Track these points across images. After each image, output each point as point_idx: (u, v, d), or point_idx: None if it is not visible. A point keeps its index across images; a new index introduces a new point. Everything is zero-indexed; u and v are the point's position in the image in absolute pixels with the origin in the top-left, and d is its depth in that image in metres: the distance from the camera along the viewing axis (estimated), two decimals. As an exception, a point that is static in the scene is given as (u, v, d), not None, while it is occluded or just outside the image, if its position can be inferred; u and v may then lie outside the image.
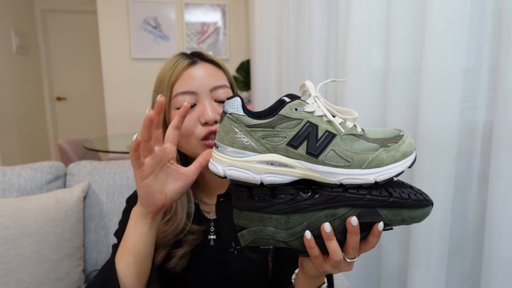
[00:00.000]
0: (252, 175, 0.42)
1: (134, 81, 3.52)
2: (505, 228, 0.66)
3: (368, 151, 0.42)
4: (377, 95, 1.05)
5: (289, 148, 0.42)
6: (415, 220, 0.43)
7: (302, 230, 0.43)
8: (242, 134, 0.43)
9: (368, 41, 1.04)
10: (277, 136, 0.42)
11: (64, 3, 4.10)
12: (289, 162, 0.42)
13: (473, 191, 0.82)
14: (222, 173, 0.43)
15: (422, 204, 0.43)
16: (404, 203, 0.42)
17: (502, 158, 0.65)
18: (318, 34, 1.36)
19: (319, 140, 0.42)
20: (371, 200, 0.41)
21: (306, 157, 0.42)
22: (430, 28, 0.78)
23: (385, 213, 0.42)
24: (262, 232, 0.44)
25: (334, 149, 0.42)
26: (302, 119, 0.42)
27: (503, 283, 0.67)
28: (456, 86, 0.77)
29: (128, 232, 0.54)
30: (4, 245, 0.90)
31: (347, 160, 0.41)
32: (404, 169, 0.43)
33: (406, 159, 0.43)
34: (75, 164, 1.17)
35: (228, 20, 3.60)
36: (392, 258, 1.02)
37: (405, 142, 0.44)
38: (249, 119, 0.43)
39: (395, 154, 0.43)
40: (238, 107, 0.43)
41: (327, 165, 0.42)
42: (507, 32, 0.63)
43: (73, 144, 2.19)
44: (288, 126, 0.42)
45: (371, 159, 0.42)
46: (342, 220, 0.42)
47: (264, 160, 0.42)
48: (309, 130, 0.42)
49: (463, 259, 0.85)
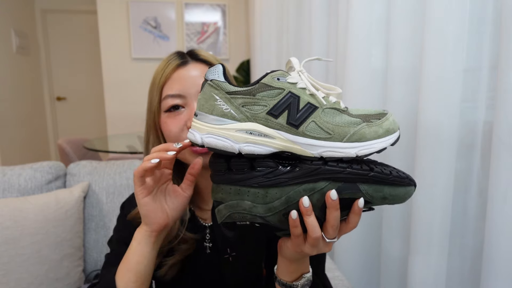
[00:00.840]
0: (230, 143, 0.41)
1: (134, 81, 3.52)
2: (505, 228, 0.66)
3: (350, 124, 0.41)
4: (377, 95, 1.05)
5: (269, 117, 0.41)
6: (397, 199, 0.42)
7: (280, 205, 0.41)
8: (221, 101, 0.42)
9: (368, 41, 1.04)
10: (258, 105, 0.41)
11: (64, 3, 4.10)
12: (269, 132, 0.41)
13: (473, 190, 0.82)
14: (200, 141, 0.42)
15: (404, 182, 0.42)
16: (385, 179, 0.41)
17: (502, 158, 0.65)
18: (318, 34, 1.36)
19: (300, 111, 0.41)
20: (352, 173, 0.40)
21: (287, 128, 0.41)
22: (430, 28, 0.78)
23: (366, 189, 0.41)
24: (238, 206, 0.42)
25: (315, 120, 0.41)
26: (283, 88, 0.42)
27: (503, 283, 0.67)
28: (456, 86, 0.77)
29: (131, 251, 0.53)
30: (4, 245, 0.90)
31: (328, 133, 0.41)
32: (386, 146, 0.42)
33: (389, 136, 0.42)
34: (75, 164, 1.17)
35: (228, 20, 3.60)
36: (392, 258, 1.03)
37: (388, 119, 0.43)
38: (230, 86, 0.42)
39: (378, 129, 0.42)
40: (219, 74, 0.43)
41: (308, 136, 0.41)
42: (507, 32, 0.63)
43: (73, 144, 2.19)
44: (269, 95, 0.41)
45: (352, 132, 0.41)
46: (322, 195, 0.41)
47: (243, 129, 0.41)
48: (290, 100, 0.41)
49: (463, 259, 0.85)
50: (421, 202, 0.84)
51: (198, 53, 0.64)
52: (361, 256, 1.15)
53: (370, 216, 1.12)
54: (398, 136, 0.43)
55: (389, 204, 0.43)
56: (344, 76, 1.11)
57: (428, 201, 0.83)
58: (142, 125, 0.64)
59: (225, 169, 0.43)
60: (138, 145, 2.25)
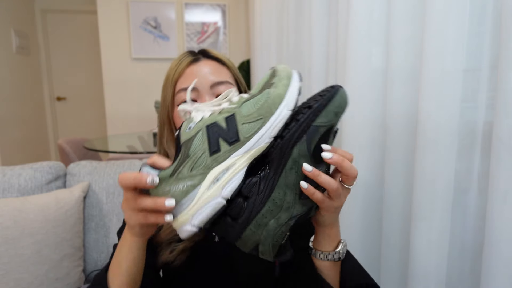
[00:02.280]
0: (214, 202, 0.41)
1: (134, 81, 3.52)
2: (505, 228, 0.66)
3: (264, 100, 0.44)
4: (377, 95, 1.05)
5: (215, 155, 0.42)
6: (342, 105, 0.44)
7: (291, 196, 0.43)
8: (174, 187, 0.41)
9: (368, 41, 1.04)
10: (198, 158, 0.42)
11: (64, 3, 4.10)
12: (227, 164, 0.42)
13: (473, 191, 0.82)
14: (196, 229, 0.41)
15: (333, 91, 0.44)
16: (323, 102, 0.43)
17: (502, 158, 0.65)
18: (318, 34, 1.36)
19: (227, 128, 0.43)
20: (304, 122, 0.43)
21: (233, 148, 0.42)
22: (430, 28, 0.78)
23: (322, 120, 0.43)
24: (269, 233, 0.43)
25: (243, 121, 0.43)
26: (200, 129, 0.44)
27: (503, 283, 0.67)
28: (456, 86, 0.77)
29: (122, 257, 0.53)
30: (4, 245, 0.90)
31: (258, 120, 0.43)
32: (299, 85, 0.45)
33: (293, 79, 0.45)
34: (75, 164, 1.17)
35: (228, 20, 3.60)
36: (392, 258, 1.03)
37: (278, 70, 0.46)
38: (167, 171, 0.42)
39: (280, 82, 0.45)
40: (153, 177, 0.41)
41: (251, 136, 0.42)
42: (507, 32, 0.63)
43: (73, 144, 2.19)
44: (197, 143, 0.43)
45: (271, 102, 0.43)
46: (305, 157, 0.43)
47: (209, 184, 0.41)
48: (213, 129, 0.43)
49: (463, 259, 0.85)
50: (421, 202, 0.84)
51: (209, 51, 0.68)
52: (361, 256, 1.15)
53: (370, 216, 1.12)
54: (298, 73, 0.47)
55: (342, 114, 0.45)
56: (344, 76, 1.11)
57: (428, 201, 0.83)
58: (142, 125, 0.64)
59: (231, 224, 0.43)
60: (138, 145, 2.26)
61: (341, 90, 0.45)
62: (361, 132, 1.08)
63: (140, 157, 1.95)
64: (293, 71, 0.47)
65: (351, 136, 1.11)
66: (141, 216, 0.43)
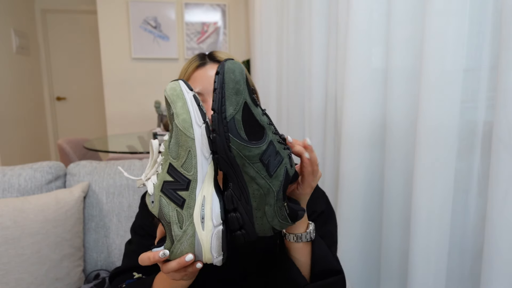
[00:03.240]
0: (214, 233, 0.46)
1: (134, 81, 3.52)
2: (505, 228, 0.66)
3: (178, 133, 0.46)
4: (377, 95, 1.05)
5: (185, 205, 0.46)
6: (237, 79, 0.44)
7: (263, 181, 0.45)
8: (181, 247, 0.46)
9: (368, 41, 1.04)
10: (177, 217, 0.46)
11: (64, 3, 4.10)
12: (199, 202, 0.46)
13: (473, 191, 0.82)
14: (221, 256, 0.47)
15: (220, 77, 0.45)
16: (219, 96, 0.44)
17: (502, 158, 0.65)
18: (318, 34, 1.37)
19: (175, 180, 0.46)
20: (218, 125, 0.44)
21: (191, 189, 0.46)
22: (430, 28, 0.78)
23: (231, 110, 0.44)
24: (270, 215, 0.47)
25: (180, 164, 0.46)
26: (158, 197, 0.47)
27: (503, 283, 0.67)
28: (456, 86, 0.77)
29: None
30: (4, 245, 0.90)
31: (187, 152, 0.46)
32: (191, 95, 0.46)
33: (184, 95, 0.46)
34: (75, 164, 1.17)
35: (228, 20, 3.60)
36: (392, 258, 1.03)
37: (168, 95, 0.47)
38: (167, 245, 0.47)
39: (176, 107, 0.46)
40: (163, 252, 0.47)
41: (195, 170, 0.46)
42: (507, 32, 0.63)
43: (73, 144, 2.19)
44: (166, 209, 0.46)
45: (183, 131, 0.45)
46: (243, 147, 0.44)
47: (200, 226, 0.46)
48: (167, 188, 0.46)
49: (463, 259, 0.85)
50: (421, 202, 0.84)
51: (215, 55, 0.69)
52: (361, 256, 1.15)
53: (370, 216, 1.12)
54: (183, 83, 0.47)
55: (243, 82, 0.45)
56: (344, 76, 1.11)
57: (428, 201, 0.83)
58: (142, 125, 0.64)
59: (242, 234, 0.47)
60: (138, 145, 2.26)
61: (225, 68, 0.44)
62: (361, 132, 1.08)
63: (140, 157, 1.95)
64: (179, 85, 0.47)
65: (351, 136, 1.11)
66: (178, 274, 0.49)
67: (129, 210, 1.13)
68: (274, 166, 0.46)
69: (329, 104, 1.35)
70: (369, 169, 1.10)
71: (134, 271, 0.69)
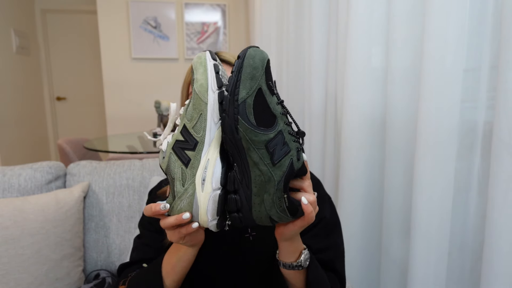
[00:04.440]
0: (212, 196, 0.47)
1: (134, 81, 3.52)
2: (505, 228, 0.66)
3: (195, 97, 0.48)
4: (377, 95, 1.05)
5: (189, 165, 0.48)
6: (256, 64, 0.45)
7: (265, 169, 0.46)
8: (181, 204, 0.48)
9: (368, 41, 1.04)
10: (181, 174, 0.48)
11: (64, 3, 4.10)
12: (203, 164, 0.47)
13: (473, 191, 0.82)
14: (215, 221, 0.48)
15: (240, 61, 0.45)
16: (235, 78, 0.45)
17: (502, 158, 0.65)
18: (318, 34, 1.36)
19: (185, 139, 0.48)
20: (229, 105, 0.45)
21: (197, 150, 0.47)
22: (430, 28, 0.78)
23: (243, 94, 0.45)
24: (269, 204, 0.47)
25: (191, 125, 0.48)
26: (169, 153, 0.49)
27: (503, 283, 0.67)
28: (456, 86, 0.77)
29: (178, 261, 0.59)
30: (4, 245, 0.90)
31: (200, 115, 0.47)
32: (212, 63, 0.48)
33: (206, 62, 0.48)
34: (75, 164, 1.17)
35: (228, 20, 3.60)
36: (392, 258, 1.03)
37: (193, 63, 0.49)
38: (169, 199, 0.49)
39: (197, 73, 0.48)
40: (164, 204, 0.49)
41: (203, 132, 0.47)
42: (507, 32, 0.63)
43: (73, 144, 2.19)
44: (172, 165, 0.48)
45: (199, 95, 0.47)
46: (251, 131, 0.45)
47: (200, 187, 0.47)
48: (177, 147, 0.48)
49: (463, 259, 0.85)
50: (421, 202, 0.84)
51: (219, 54, 0.69)
52: (361, 257, 1.15)
53: (370, 215, 1.12)
54: (209, 53, 0.49)
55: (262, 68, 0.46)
56: (344, 76, 1.11)
57: (428, 201, 0.83)
58: (142, 125, 0.65)
59: (239, 217, 0.48)
60: (138, 145, 2.26)
61: (247, 54, 0.45)
62: (361, 131, 1.08)
63: (140, 157, 1.95)
64: (205, 54, 0.49)
65: (351, 135, 1.11)
66: (176, 233, 0.50)
67: (129, 210, 1.13)
68: (279, 155, 0.46)
69: (329, 104, 1.35)
70: (369, 169, 1.10)
71: (144, 263, 0.70)
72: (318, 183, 0.76)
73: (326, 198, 0.74)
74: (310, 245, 0.66)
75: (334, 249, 0.69)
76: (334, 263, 0.68)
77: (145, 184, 1.15)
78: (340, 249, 0.71)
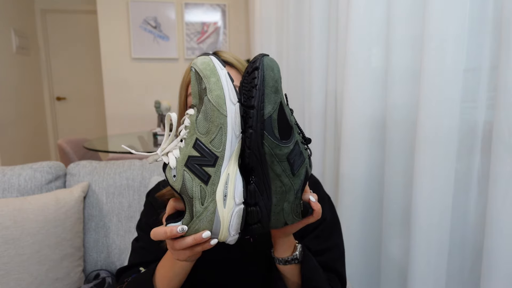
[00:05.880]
0: (236, 211, 0.45)
1: (134, 81, 3.52)
2: (505, 228, 0.66)
3: (210, 109, 0.44)
4: (377, 95, 1.05)
5: (209, 182, 0.45)
6: (275, 76, 0.44)
7: (286, 180, 0.46)
8: (200, 224, 0.45)
9: (368, 41, 1.04)
10: (200, 192, 0.45)
11: (64, 3, 4.10)
12: (223, 180, 0.45)
13: (473, 191, 0.82)
14: (237, 235, 0.47)
15: (260, 73, 0.44)
16: (261, 93, 0.44)
17: (502, 158, 0.65)
18: (318, 34, 1.36)
19: (201, 155, 0.45)
20: (256, 122, 0.44)
21: (218, 166, 0.45)
22: (430, 28, 0.78)
23: (269, 109, 0.44)
24: (287, 212, 0.48)
25: (209, 140, 0.44)
26: (182, 171, 0.45)
27: (503, 283, 0.67)
28: (456, 86, 0.77)
29: (175, 274, 0.58)
30: (4, 245, 0.90)
31: (219, 128, 0.44)
32: (225, 71, 0.45)
33: (217, 71, 0.45)
34: (75, 164, 1.17)
35: (228, 20, 3.60)
36: (392, 258, 1.03)
37: (200, 69, 0.45)
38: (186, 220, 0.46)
39: (209, 83, 0.44)
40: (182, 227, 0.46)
41: (224, 147, 0.45)
42: (507, 32, 0.63)
43: (73, 144, 2.19)
44: (189, 184, 0.45)
45: (216, 107, 0.44)
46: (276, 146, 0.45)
47: (222, 203, 0.45)
48: (192, 164, 0.45)
49: (463, 259, 0.85)
50: (421, 201, 0.84)
51: (219, 54, 0.67)
52: (361, 256, 1.15)
53: (370, 215, 1.12)
54: (215, 59, 0.46)
55: (280, 80, 0.45)
56: (344, 76, 1.11)
57: (428, 201, 0.83)
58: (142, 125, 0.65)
59: (259, 227, 0.47)
60: (138, 145, 2.26)
61: (265, 65, 0.44)
62: (361, 131, 1.08)
63: (140, 157, 1.95)
64: (212, 60, 0.46)
65: (351, 135, 1.11)
66: (188, 251, 0.48)
67: (129, 210, 1.13)
68: (298, 165, 0.47)
69: (329, 103, 1.35)
70: (369, 169, 1.10)
71: (141, 267, 0.69)
72: (317, 183, 0.76)
73: (326, 198, 0.74)
74: (311, 247, 0.66)
75: (334, 250, 0.69)
76: (335, 264, 0.68)
77: (145, 184, 1.15)
78: (340, 250, 0.71)
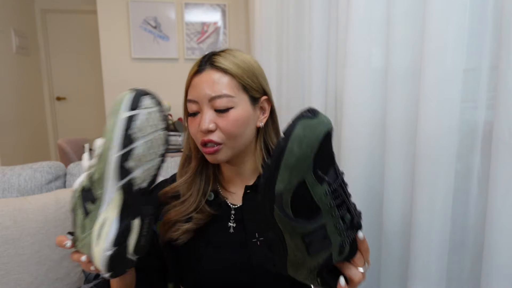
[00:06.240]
0: (104, 255, 0.48)
1: (134, 81, 3.52)
2: (505, 228, 0.66)
3: (101, 153, 0.47)
4: (377, 95, 1.05)
5: (86, 217, 0.50)
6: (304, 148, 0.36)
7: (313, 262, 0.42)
8: (82, 244, 0.50)
9: (368, 41, 1.04)
10: (81, 221, 0.49)
11: (64, 3, 4.10)
12: (101, 220, 0.48)
13: (473, 191, 0.82)
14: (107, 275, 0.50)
15: (283, 142, 0.36)
16: (272, 165, 0.37)
17: (502, 158, 0.65)
18: (318, 34, 1.36)
19: (88, 191, 0.48)
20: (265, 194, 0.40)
21: (97, 205, 0.48)
22: (430, 28, 0.78)
23: (280, 186, 0.38)
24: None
25: (94, 174, 0.47)
26: (77, 192, 0.50)
27: (503, 283, 0.67)
28: (456, 86, 0.77)
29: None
30: (4, 245, 0.90)
31: (101, 174, 0.47)
32: (125, 116, 0.44)
33: (119, 113, 0.45)
34: (75, 164, 1.17)
35: (228, 20, 3.59)
36: (392, 259, 1.03)
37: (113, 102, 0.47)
38: (74, 237, 0.51)
39: (108, 124, 0.45)
40: (67, 241, 0.52)
41: (98, 188, 0.48)
42: (507, 32, 0.63)
43: (73, 144, 2.19)
44: (76, 210, 0.50)
45: (104, 156, 0.45)
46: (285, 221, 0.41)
47: (95, 240, 0.49)
48: (84, 192, 0.49)
49: (463, 259, 0.85)
50: (421, 202, 0.84)
51: (214, 60, 0.66)
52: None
53: (370, 216, 1.12)
54: (130, 99, 0.46)
55: (310, 153, 0.36)
56: (344, 76, 1.11)
57: (428, 201, 0.83)
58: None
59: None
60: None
61: (293, 135, 0.35)
62: (361, 132, 1.08)
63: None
64: (123, 99, 0.45)
65: (351, 136, 1.11)
66: (84, 266, 0.52)
67: (129, 210, 1.13)
68: (316, 249, 0.40)
69: (329, 104, 1.35)
70: (369, 169, 1.10)
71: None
72: None
73: None
74: None
75: None
76: None
77: (145, 184, 1.15)
78: None
